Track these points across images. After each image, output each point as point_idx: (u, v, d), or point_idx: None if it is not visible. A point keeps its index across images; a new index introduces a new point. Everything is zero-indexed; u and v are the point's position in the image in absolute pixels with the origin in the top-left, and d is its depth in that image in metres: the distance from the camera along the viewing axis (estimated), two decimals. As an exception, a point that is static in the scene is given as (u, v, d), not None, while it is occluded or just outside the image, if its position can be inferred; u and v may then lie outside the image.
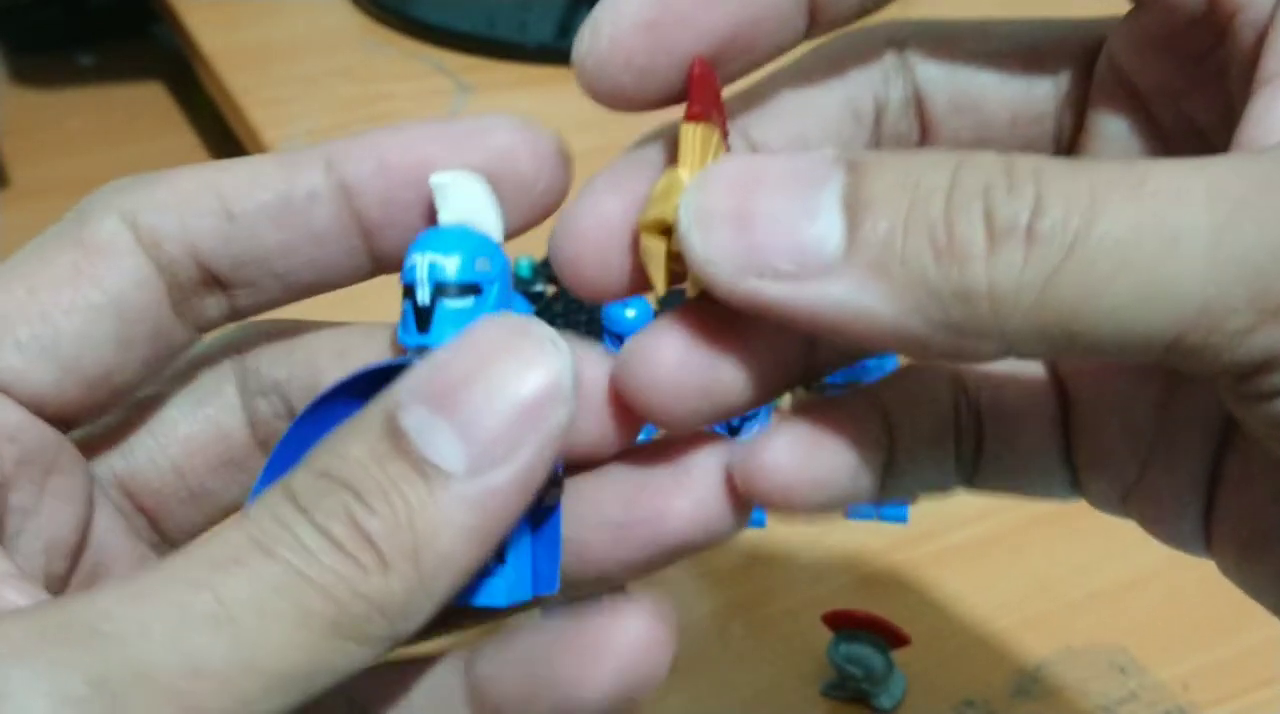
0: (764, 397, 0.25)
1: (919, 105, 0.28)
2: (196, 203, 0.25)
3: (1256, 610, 0.27)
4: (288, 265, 0.26)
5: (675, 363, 0.24)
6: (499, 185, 0.25)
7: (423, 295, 0.24)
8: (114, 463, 0.27)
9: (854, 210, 0.22)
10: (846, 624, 0.44)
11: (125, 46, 0.95)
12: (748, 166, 0.23)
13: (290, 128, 0.77)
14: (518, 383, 0.22)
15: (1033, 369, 0.29)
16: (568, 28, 0.84)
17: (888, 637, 0.44)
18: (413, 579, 0.21)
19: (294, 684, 0.20)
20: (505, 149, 0.26)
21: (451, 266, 0.24)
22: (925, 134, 0.29)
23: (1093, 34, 0.28)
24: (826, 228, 0.22)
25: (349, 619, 0.21)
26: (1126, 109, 0.27)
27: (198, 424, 0.28)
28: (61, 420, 0.25)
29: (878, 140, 0.29)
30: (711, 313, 0.24)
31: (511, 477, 0.22)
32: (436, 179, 0.25)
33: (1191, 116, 0.26)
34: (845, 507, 0.27)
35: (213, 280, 0.26)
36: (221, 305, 0.26)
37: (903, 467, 0.28)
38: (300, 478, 0.22)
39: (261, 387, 0.28)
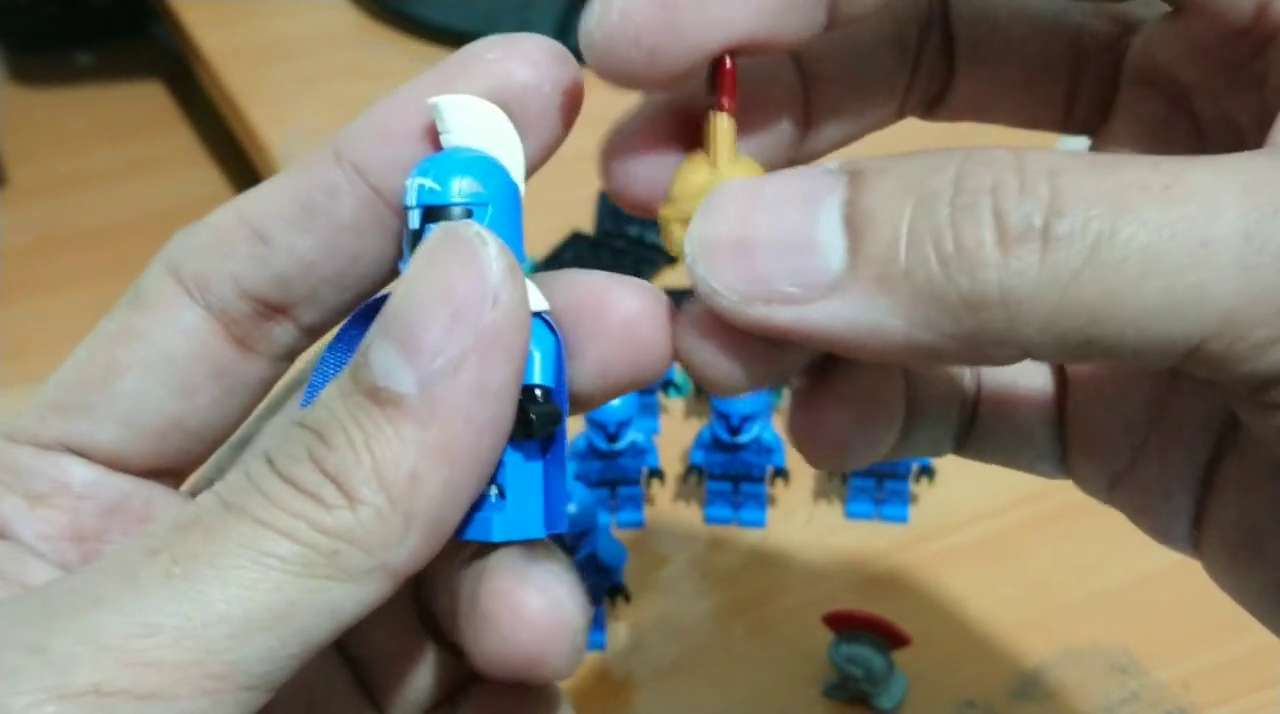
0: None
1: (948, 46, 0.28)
2: (230, 236, 0.25)
3: (1259, 611, 0.27)
4: (335, 267, 0.25)
5: (729, 336, 0.23)
6: (510, 108, 0.25)
7: (413, 219, 0.24)
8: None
9: (855, 224, 0.21)
10: (847, 625, 0.44)
11: (124, 46, 0.95)
12: (746, 191, 0.23)
13: (289, 127, 0.77)
14: (445, 289, 0.22)
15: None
16: (567, 27, 0.84)
17: (888, 637, 0.44)
18: (383, 506, 0.21)
19: (272, 627, 0.20)
20: (502, 73, 0.25)
21: (439, 189, 0.23)
22: (949, 81, 0.29)
23: (1122, 20, 0.27)
24: (828, 246, 0.21)
25: (319, 556, 0.21)
26: (1164, 97, 0.27)
27: None
28: (151, 471, 0.26)
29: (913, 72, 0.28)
30: None
31: (462, 384, 0.21)
32: (432, 101, 0.24)
33: (1231, 115, 0.26)
34: (878, 458, 0.27)
35: (268, 308, 0.26)
36: (289, 330, 0.26)
37: (915, 425, 0.28)
38: (275, 432, 0.22)
39: None
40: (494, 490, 0.23)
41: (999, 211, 0.20)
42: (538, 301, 0.24)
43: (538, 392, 0.23)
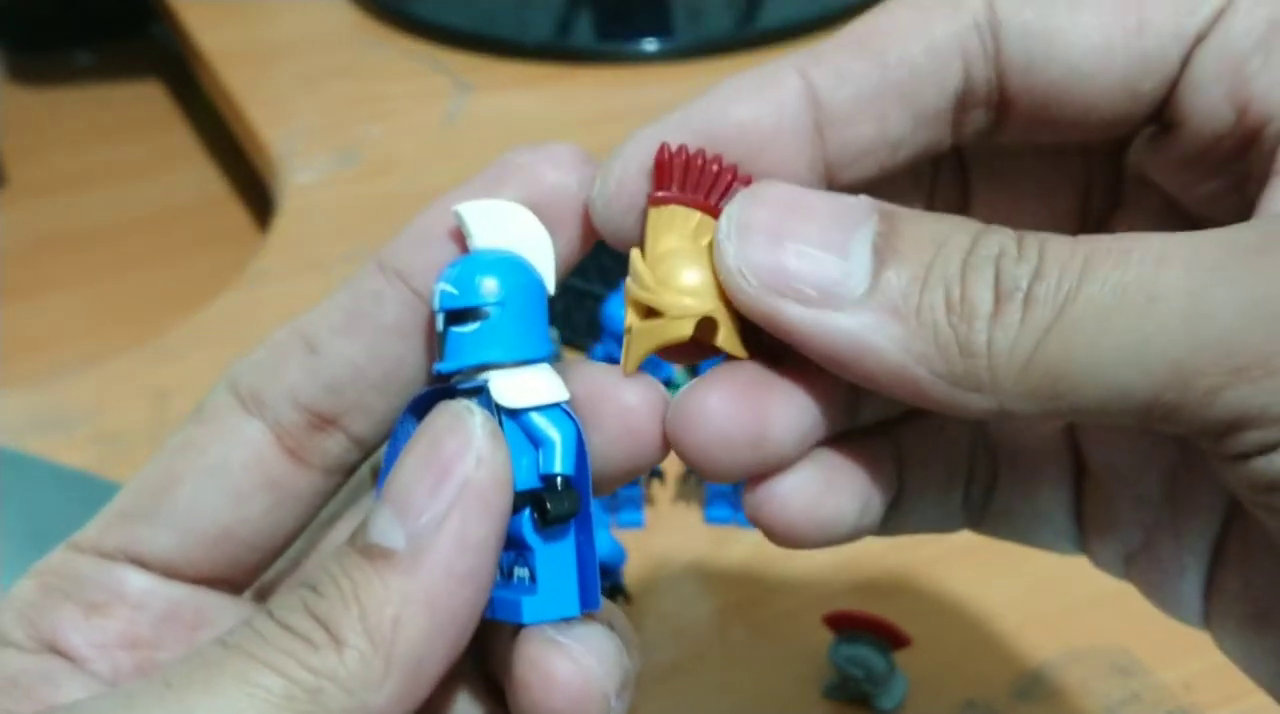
0: (808, 447, 0.26)
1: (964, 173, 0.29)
2: (283, 351, 0.26)
3: (1260, 612, 0.27)
4: (380, 370, 0.26)
5: (724, 418, 0.24)
6: (541, 209, 0.26)
7: (439, 322, 0.25)
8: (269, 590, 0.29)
9: (882, 256, 0.23)
10: (847, 625, 0.44)
11: (124, 45, 0.95)
12: (793, 194, 0.24)
13: (288, 127, 0.77)
14: (433, 454, 0.23)
15: (1051, 429, 0.29)
16: (567, 26, 0.84)
17: (889, 638, 0.44)
18: (366, 649, 0.22)
19: None
20: (531, 177, 0.26)
21: (455, 292, 0.24)
22: (966, 201, 0.29)
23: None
24: (856, 266, 0.23)
25: (303, 693, 0.22)
26: (1157, 202, 0.28)
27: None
28: (204, 579, 0.27)
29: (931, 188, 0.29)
30: (757, 367, 0.25)
31: (445, 538, 0.23)
32: (455, 208, 0.25)
33: (1216, 218, 0.27)
34: (846, 541, 0.27)
35: (320, 418, 0.26)
36: (340, 441, 0.27)
37: (909, 507, 0.28)
38: (281, 592, 0.23)
39: None
40: (525, 573, 0.25)
41: (999, 273, 0.22)
42: (559, 392, 0.25)
43: (558, 480, 0.24)
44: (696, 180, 0.25)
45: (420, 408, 0.25)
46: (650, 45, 0.82)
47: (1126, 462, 0.29)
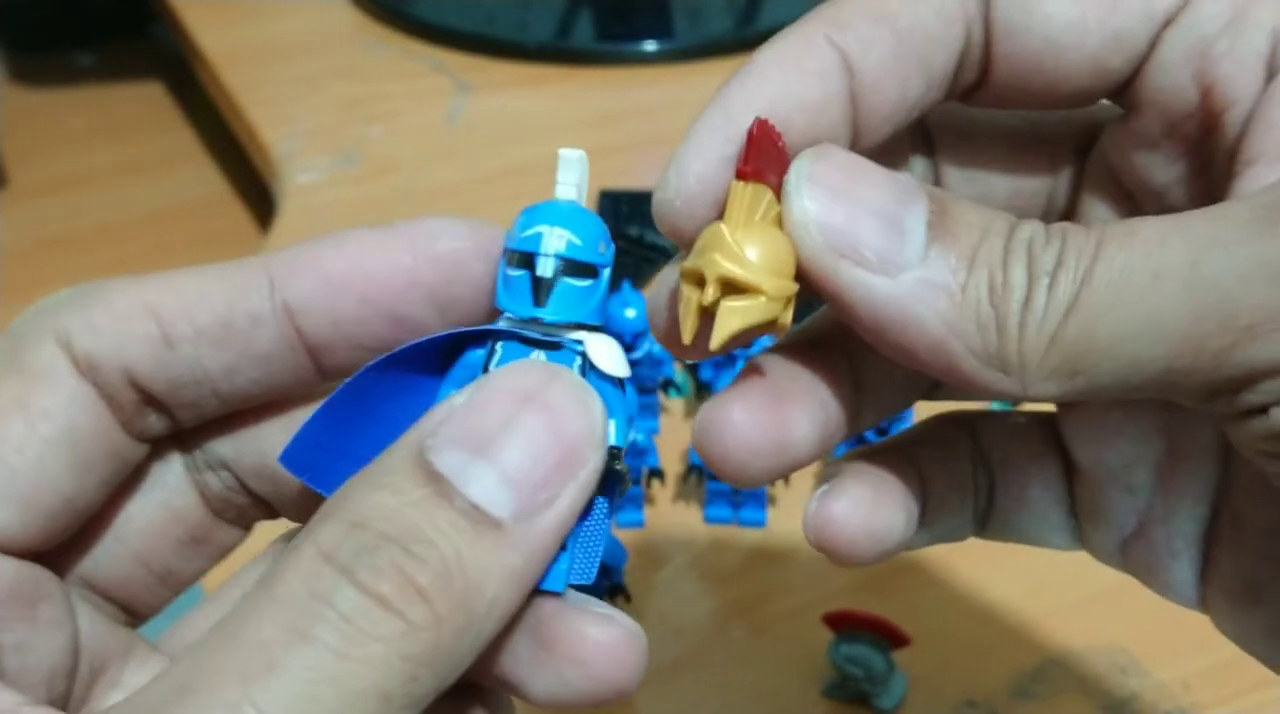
0: (823, 450, 0.27)
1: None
2: (132, 327, 0.25)
3: (1259, 611, 0.28)
4: (230, 386, 0.26)
5: (749, 427, 0.25)
6: (446, 288, 0.25)
7: (545, 267, 0.24)
8: (78, 566, 0.27)
9: (935, 233, 0.24)
10: (847, 624, 0.44)
11: (124, 46, 0.95)
12: (856, 159, 0.24)
13: (288, 127, 0.77)
14: (559, 430, 0.23)
15: (1036, 432, 0.31)
16: (567, 27, 0.84)
17: (889, 637, 0.44)
18: (463, 627, 0.21)
19: None
20: (451, 251, 0.25)
21: (579, 242, 0.24)
22: None
23: (1088, 122, 0.29)
24: (912, 236, 0.23)
25: (399, 685, 0.20)
26: (1115, 200, 0.29)
27: (151, 512, 0.27)
28: (35, 553, 0.25)
29: None
30: (776, 375, 0.26)
31: (553, 521, 0.22)
32: (565, 153, 0.25)
33: (1179, 205, 0.28)
34: (892, 555, 0.28)
35: (151, 400, 0.25)
36: (164, 421, 0.26)
37: (933, 516, 0.29)
38: (331, 532, 0.21)
39: (209, 463, 0.28)
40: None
41: (1031, 256, 0.23)
42: (624, 369, 0.25)
43: (621, 452, 0.24)
44: (769, 157, 0.24)
45: (450, 346, 0.24)
46: (650, 46, 0.82)
47: (1114, 456, 0.29)
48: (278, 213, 0.71)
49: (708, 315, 0.24)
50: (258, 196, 0.80)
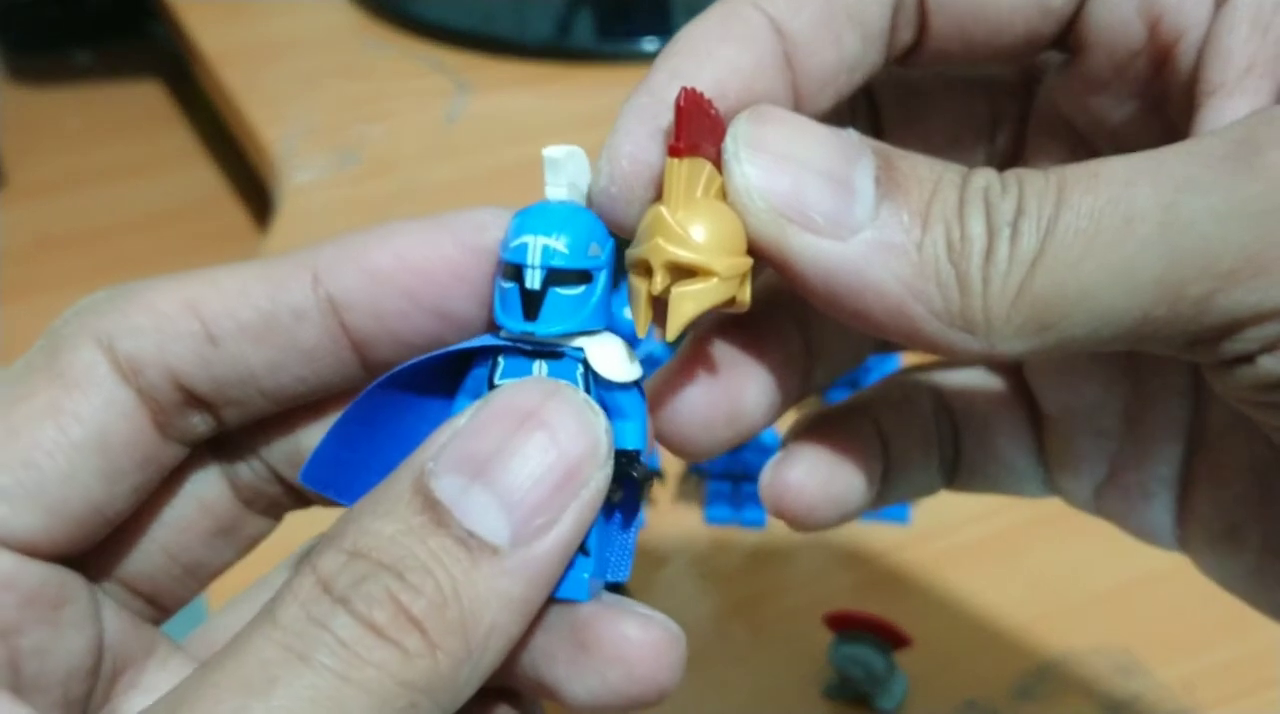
0: (777, 415, 0.26)
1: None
2: (175, 326, 0.24)
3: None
4: (275, 383, 0.25)
5: (699, 399, 0.25)
6: (491, 282, 0.24)
7: (532, 280, 0.23)
8: (104, 564, 0.27)
9: (885, 189, 0.22)
10: (848, 625, 0.44)
11: (123, 45, 0.95)
12: (794, 118, 0.23)
13: (288, 127, 0.77)
14: (557, 450, 0.22)
15: (1000, 380, 0.30)
16: (567, 26, 0.84)
17: (889, 637, 0.44)
18: (461, 655, 0.21)
19: None
20: (498, 243, 0.24)
21: (565, 250, 0.23)
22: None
23: (1029, 64, 0.29)
24: (861, 195, 0.22)
25: (397, 711, 0.20)
26: (1065, 141, 0.28)
27: (180, 506, 0.27)
28: (61, 557, 0.25)
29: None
30: (722, 345, 0.26)
31: (554, 544, 0.22)
32: (549, 152, 0.23)
33: (1135, 146, 0.27)
34: (855, 517, 0.28)
35: (195, 400, 0.25)
36: (208, 421, 0.25)
37: (897, 474, 0.29)
38: (330, 560, 0.21)
39: (241, 454, 0.27)
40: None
41: (989, 207, 0.22)
42: (637, 367, 0.24)
43: (638, 456, 0.24)
44: (702, 128, 0.23)
45: (459, 358, 0.23)
46: (650, 45, 0.82)
47: (1081, 401, 0.29)
48: (276, 212, 0.71)
49: (661, 304, 0.23)
50: (256, 196, 0.79)
